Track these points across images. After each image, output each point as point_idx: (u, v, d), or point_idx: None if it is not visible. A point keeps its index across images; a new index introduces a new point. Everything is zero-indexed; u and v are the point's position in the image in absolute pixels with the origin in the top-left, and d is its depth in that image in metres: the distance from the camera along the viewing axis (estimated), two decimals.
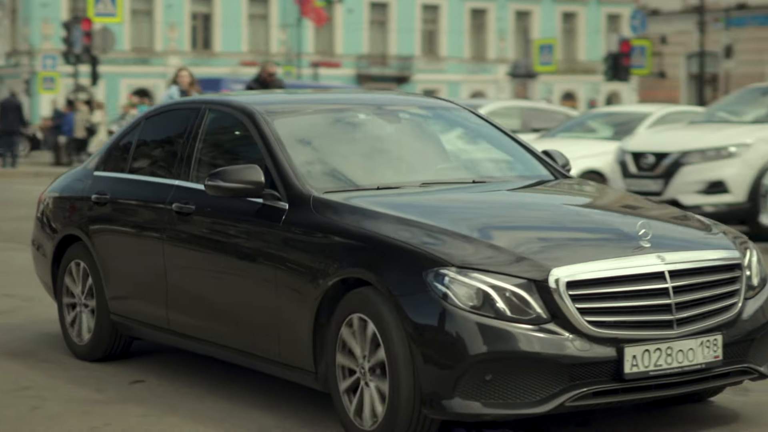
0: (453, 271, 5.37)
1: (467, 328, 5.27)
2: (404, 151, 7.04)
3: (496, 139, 7.36)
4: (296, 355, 6.07)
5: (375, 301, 5.60)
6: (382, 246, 5.68)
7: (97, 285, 7.61)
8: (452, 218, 5.86)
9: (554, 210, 6.36)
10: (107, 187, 7.71)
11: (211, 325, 6.67)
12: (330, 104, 7.49)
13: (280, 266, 6.14)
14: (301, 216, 6.16)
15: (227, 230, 6.61)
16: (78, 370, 7.40)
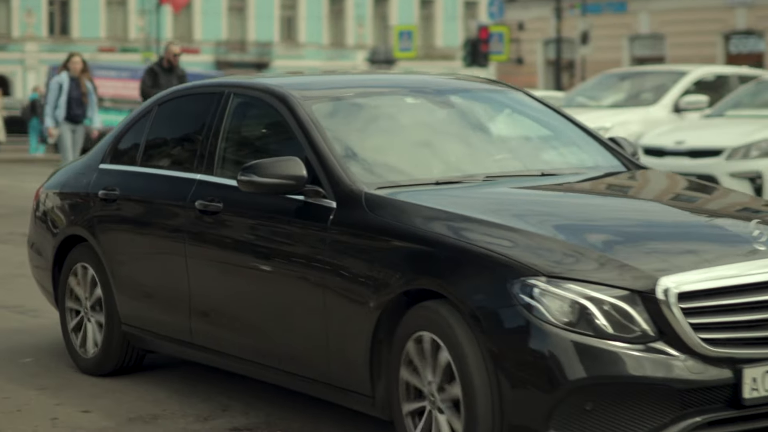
0: (543, 282, 4.56)
1: (563, 349, 4.45)
2: (460, 139, 6.15)
3: (556, 124, 6.58)
4: (349, 376, 5.27)
5: (447, 316, 4.79)
6: (456, 252, 4.85)
7: (107, 292, 6.76)
8: (534, 219, 5.05)
9: (646, 208, 5.64)
10: (116, 182, 6.84)
11: (244, 339, 5.89)
12: (372, 87, 6.51)
13: (329, 274, 5.33)
14: (352, 216, 5.33)
15: (263, 232, 5.78)
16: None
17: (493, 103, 6.57)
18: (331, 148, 5.67)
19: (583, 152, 6.34)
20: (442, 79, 6.89)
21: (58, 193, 7.36)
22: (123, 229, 6.70)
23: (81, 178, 7.19)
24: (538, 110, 6.61)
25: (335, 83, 6.71)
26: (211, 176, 6.19)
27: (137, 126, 7.00)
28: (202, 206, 6.07)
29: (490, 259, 4.74)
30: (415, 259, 4.99)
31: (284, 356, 5.64)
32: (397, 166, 5.79)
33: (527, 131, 6.56)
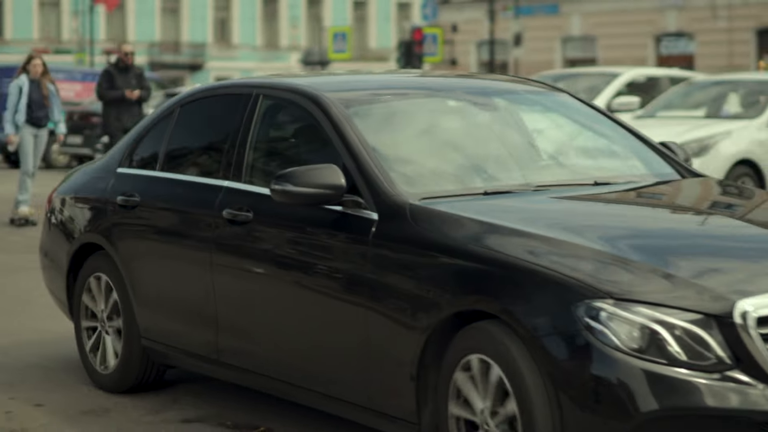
0: (610, 304, 4.20)
1: (633, 377, 4.10)
2: (505, 145, 5.76)
3: (602, 128, 6.19)
4: (392, 401, 4.88)
5: (503, 339, 4.42)
6: (514, 271, 4.47)
7: (125, 303, 6.34)
8: (596, 234, 4.65)
9: (714, 222, 5.23)
10: (136, 188, 6.41)
11: (276, 357, 5.50)
12: (410, 89, 6.15)
13: (371, 291, 4.93)
14: (396, 229, 4.94)
15: (297, 244, 5.37)
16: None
17: (537, 106, 6.23)
18: (370, 155, 5.27)
19: (633, 158, 5.97)
20: (482, 80, 6.62)
21: (73, 197, 6.94)
22: (143, 238, 6.31)
23: (98, 183, 6.77)
24: (584, 113, 6.26)
25: (370, 84, 6.28)
26: (240, 183, 5.78)
27: (158, 128, 6.58)
28: (231, 215, 5.67)
29: (551, 279, 4.36)
30: (467, 278, 4.60)
31: (320, 377, 5.26)
32: (441, 175, 5.41)
33: (574, 136, 6.18)
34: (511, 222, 4.78)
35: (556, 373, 4.24)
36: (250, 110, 5.91)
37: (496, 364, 4.42)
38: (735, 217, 5.38)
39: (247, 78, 6.60)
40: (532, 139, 5.94)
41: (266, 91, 5.97)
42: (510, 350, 4.37)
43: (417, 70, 7.77)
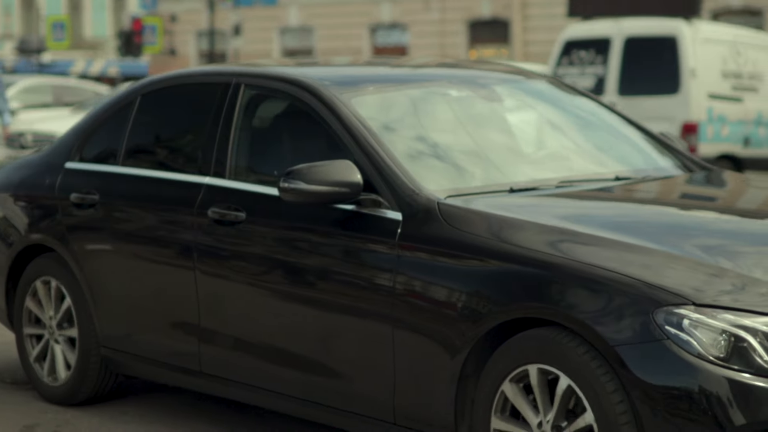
0: (692, 311, 3.94)
1: (723, 389, 3.84)
2: (518, 137, 5.50)
3: (604, 118, 5.90)
4: (423, 416, 4.56)
5: (564, 344, 4.12)
6: (580, 275, 4.14)
7: (81, 310, 5.97)
8: (658, 235, 4.39)
9: (756, 217, 5.02)
10: (93, 185, 5.95)
11: (280, 371, 5.09)
12: (406, 78, 5.76)
13: (399, 298, 4.56)
14: (426, 230, 4.57)
15: (305, 247, 4.94)
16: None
17: (535, 95, 5.88)
18: (386, 149, 4.89)
19: (641, 150, 5.73)
20: (475, 68, 6.15)
21: (10, 195, 6.42)
22: (106, 239, 5.83)
23: (40, 179, 6.26)
24: (582, 102, 5.99)
25: (360, 75, 5.76)
26: (225, 180, 5.35)
27: (114, 119, 6.08)
28: (218, 215, 5.26)
29: (625, 284, 4.05)
30: (523, 283, 4.26)
31: (339, 392, 4.89)
32: (460, 170, 5.06)
33: (576, 126, 5.81)
34: (563, 222, 4.47)
35: (635, 384, 3.95)
36: (230, 101, 5.47)
37: (565, 375, 4.10)
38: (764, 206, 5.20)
39: (223, 66, 6.08)
40: (543, 130, 5.67)
41: (249, 80, 5.50)
42: (581, 364, 4.06)
43: (400, 59, 7.10)
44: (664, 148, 5.84)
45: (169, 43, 43.62)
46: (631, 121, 6.01)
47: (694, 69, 13.53)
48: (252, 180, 5.32)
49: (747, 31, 16.09)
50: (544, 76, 6.24)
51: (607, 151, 5.64)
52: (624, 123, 5.96)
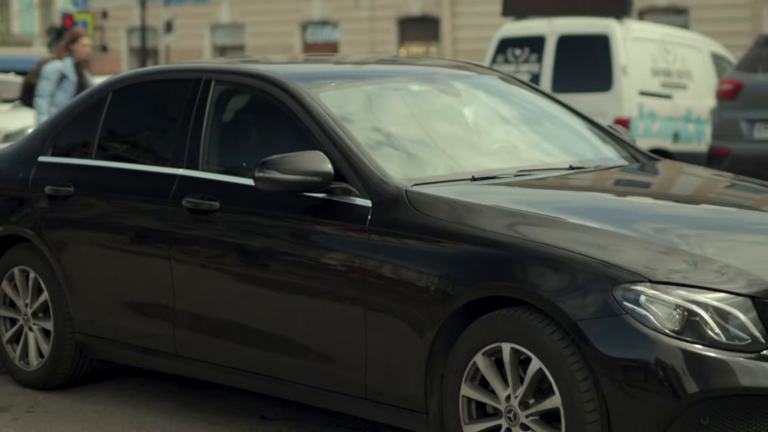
0: (648, 287, 4.22)
1: (676, 360, 4.12)
2: (476, 129, 5.80)
3: (555, 112, 6.24)
4: (394, 391, 4.85)
5: (536, 325, 4.40)
6: (540, 256, 4.43)
7: (56, 299, 6.21)
8: (610, 218, 4.72)
9: (710, 205, 5.38)
10: (67, 177, 6.20)
11: (251, 352, 5.36)
12: (366, 74, 6.08)
13: (370, 279, 4.84)
14: (396, 216, 4.86)
15: (277, 233, 5.21)
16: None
17: (493, 89, 6.20)
18: (354, 140, 5.16)
19: (591, 142, 6.05)
20: (429, 64, 6.42)
21: None
22: (81, 230, 6.08)
23: (12, 172, 6.52)
24: (534, 97, 6.31)
25: (323, 71, 6.18)
26: (198, 172, 5.62)
27: (86, 115, 6.33)
28: (193, 204, 5.53)
29: (585, 264, 4.34)
30: (488, 265, 4.55)
31: (311, 371, 5.17)
32: (424, 160, 5.36)
33: (534, 119, 6.12)
34: (524, 207, 4.76)
35: (599, 359, 4.22)
36: (201, 96, 5.74)
37: (537, 358, 4.38)
38: (728, 201, 5.49)
39: (191, 63, 6.36)
40: (497, 122, 5.94)
41: (219, 76, 5.78)
42: (549, 341, 4.34)
43: (362, 56, 7.39)
44: (612, 140, 6.16)
45: (101, 40, 43.50)
46: (582, 114, 6.33)
47: (625, 66, 13.95)
48: (224, 171, 5.59)
49: (676, 30, 16.59)
50: (496, 72, 6.55)
51: (560, 143, 5.95)
52: (574, 116, 6.27)
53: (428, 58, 6.32)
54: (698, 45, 15.83)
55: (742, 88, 12.45)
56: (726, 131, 12.51)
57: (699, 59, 15.51)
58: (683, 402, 4.15)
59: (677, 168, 6.08)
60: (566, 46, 14.14)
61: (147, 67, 6.60)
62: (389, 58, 7.00)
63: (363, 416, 5.14)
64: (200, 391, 6.39)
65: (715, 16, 34.58)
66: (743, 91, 12.44)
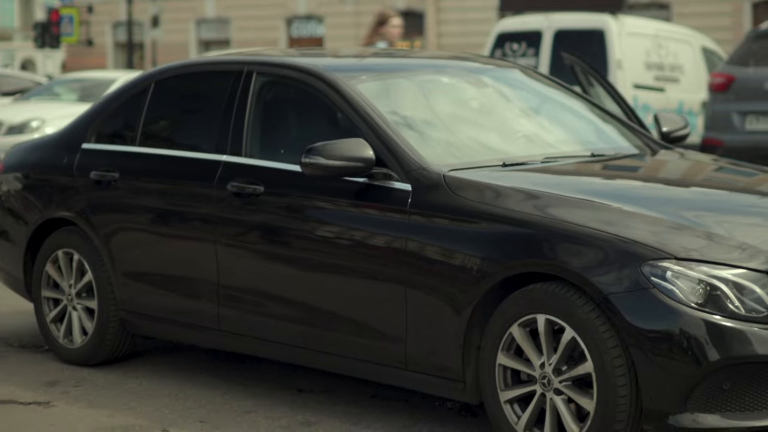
0: (674, 264, 4.61)
1: (701, 331, 4.51)
2: (504, 119, 6.17)
3: (575, 102, 6.62)
4: (432, 361, 5.21)
5: (570, 298, 4.75)
6: (576, 235, 4.79)
7: (101, 280, 6.53)
8: (637, 200, 5.12)
9: (725, 189, 5.77)
10: (112, 164, 6.52)
11: (294, 327, 5.71)
12: (398, 66, 6.44)
13: (410, 257, 5.19)
14: (435, 199, 5.20)
15: (322, 215, 5.56)
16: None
17: (517, 82, 6.55)
18: (392, 128, 5.51)
19: (610, 131, 6.43)
20: (461, 60, 6.73)
21: (25, 175, 7.00)
22: (126, 213, 6.40)
23: (56, 159, 6.83)
24: (552, 87, 6.67)
25: (365, 63, 6.56)
26: (241, 158, 5.95)
27: (129, 104, 6.65)
28: (237, 188, 5.86)
29: (615, 243, 4.71)
30: (522, 243, 4.91)
31: (350, 343, 5.51)
32: (457, 147, 5.70)
33: (556, 110, 6.50)
34: (554, 190, 5.14)
35: (629, 330, 4.58)
36: (243, 86, 6.04)
37: (569, 326, 4.74)
38: (742, 186, 5.88)
39: (233, 56, 6.78)
40: (522, 113, 6.27)
41: (261, 68, 6.09)
42: (582, 313, 4.69)
43: (393, 49, 7.79)
44: (629, 130, 6.54)
45: (86, 34, 43.73)
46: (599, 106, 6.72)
47: (620, 60, 14.35)
48: (266, 157, 5.92)
49: (668, 25, 17.03)
50: (518, 66, 6.93)
51: (581, 132, 6.33)
52: (593, 107, 6.66)
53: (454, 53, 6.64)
54: (689, 40, 16.27)
55: (734, 81, 12.85)
56: (718, 123, 12.91)
57: (690, 53, 15.94)
58: (706, 368, 4.52)
59: (690, 156, 6.43)
60: (563, 40, 14.53)
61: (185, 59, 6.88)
62: (418, 52, 7.41)
63: (402, 385, 5.47)
64: (238, 366, 6.74)
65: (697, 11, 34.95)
66: (735, 84, 12.84)
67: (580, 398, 4.81)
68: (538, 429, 4.96)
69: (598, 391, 4.70)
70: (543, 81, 6.78)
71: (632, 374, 4.65)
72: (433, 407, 5.88)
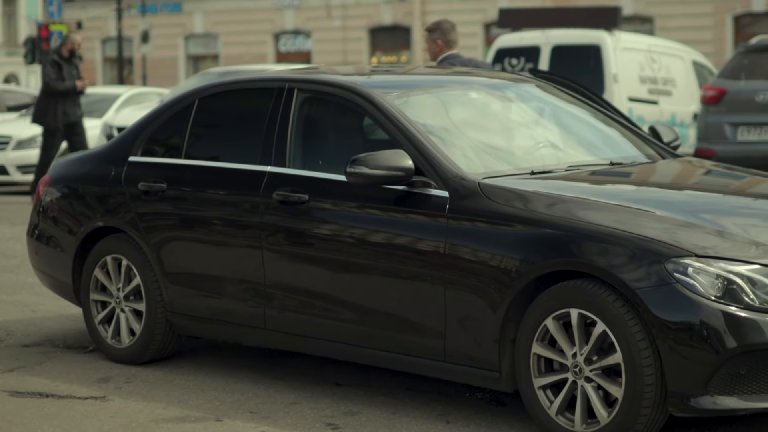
0: (695, 260, 5.07)
1: (719, 321, 4.97)
2: (528, 131, 6.64)
3: (592, 114, 7.03)
4: (470, 354, 5.66)
5: (600, 293, 5.22)
6: (604, 236, 5.25)
7: (149, 283, 6.95)
8: (657, 203, 5.62)
9: (725, 193, 6.27)
10: (160, 175, 6.95)
11: (337, 324, 6.16)
12: (433, 83, 6.88)
13: (449, 259, 5.64)
14: (471, 205, 5.67)
15: (364, 221, 6.00)
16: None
17: (538, 96, 6.98)
18: (429, 140, 5.96)
19: (626, 141, 6.85)
20: (485, 77, 7.16)
21: (73, 187, 7.41)
22: (174, 221, 6.83)
23: (104, 171, 7.25)
24: (569, 100, 7.09)
25: (395, 81, 6.99)
26: (286, 168, 6.39)
27: (173, 120, 7.08)
28: (283, 197, 6.29)
29: (640, 242, 5.16)
30: (555, 244, 5.35)
31: (391, 337, 5.93)
32: (487, 157, 6.15)
33: (575, 121, 6.92)
34: (581, 195, 5.62)
35: (654, 322, 5.05)
36: (285, 102, 6.49)
37: (601, 320, 5.20)
38: (752, 190, 6.30)
39: (274, 73, 7.33)
40: (545, 125, 6.74)
41: (302, 85, 6.55)
42: (612, 307, 5.15)
43: (420, 66, 8.18)
44: (641, 140, 6.98)
45: None
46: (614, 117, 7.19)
47: (615, 74, 14.85)
48: (308, 167, 6.39)
49: (660, 40, 17.57)
50: (535, 80, 7.40)
51: (600, 142, 6.80)
52: (609, 119, 7.11)
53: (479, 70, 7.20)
54: (681, 54, 16.82)
55: (725, 94, 13.39)
56: (711, 134, 13.45)
57: (682, 67, 16.48)
58: (724, 355, 4.99)
59: (699, 163, 6.97)
60: (560, 55, 15.03)
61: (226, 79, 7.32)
62: (446, 69, 7.93)
63: (442, 377, 5.94)
64: (276, 362, 7.20)
65: (679, 24, 35.54)
66: (727, 97, 13.38)
67: (609, 386, 5.26)
68: (569, 413, 5.43)
69: (627, 379, 5.16)
70: (559, 94, 7.19)
71: (658, 363, 5.10)
72: (465, 398, 6.34)
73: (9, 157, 19.26)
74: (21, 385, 6.88)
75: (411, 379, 6.62)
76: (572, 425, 5.39)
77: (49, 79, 16.14)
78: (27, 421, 6.19)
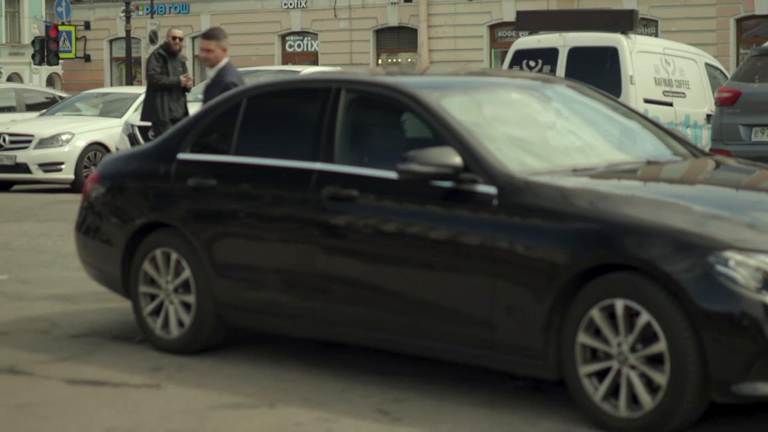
0: (736, 253, 5.27)
1: (759, 312, 5.17)
2: (569, 130, 6.82)
3: (620, 115, 7.25)
4: (517, 344, 5.86)
5: (646, 285, 5.43)
6: (648, 230, 5.46)
7: (199, 276, 7.13)
8: (697, 199, 5.84)
9: (760, 188, 6.41)
10: (210, 172, 7.17)
11: (387, 316, 6.35)
12: (476, 84, 7.15)
13: (497, 252, 5.83)
14: (518, 200, 5.85)
15: (414, 216, 6.20)
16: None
17: (568, 97, 7.18)
18: (476, 138, 6.15)
19: (660, 140, 7.09)
20: (518, 76, 7.44)
21: (124, 182, 7.61)
22: (225, 216, 7.02)
23: (153, 167, 7.45)
24: (601, 102, 7.29)
25: (440, 81, 7.32)
26: (335, 165, 6.58)
27: (222, 119, 7.31)
28: (332, 193, 6.49)
29: (683, 236, 5.38)
30: (600, 238, 5.56)
31: (440, 328, 6.12)
32: (533, 155, 6.33)
33: (611, 121, 7.14)
34: (623, 191, 5.87)
35: (698, 312, 5.26)
36: (333, 102, 6.69)
37: (647, 312, 5.41)
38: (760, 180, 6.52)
39: (320, 75, 7.65)
40: (584, 125, 6.93)
41: (349, 86, 6.79)
42: (656, 298, 5.36)
43: (461, 69, 8.75)
44: (674, 139, 7.22)
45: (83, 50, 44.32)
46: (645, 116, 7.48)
47: (632, 76, 15.11)
48: (356, 164, 6.60)
49: (674, 44, 17.82)
50: (567, 82, 7.65)
51: (635, 140, 7.08)
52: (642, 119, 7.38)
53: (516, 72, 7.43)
54: (694, 57, 17.08)
55: (740, 96, 13.65)
56: (725, 135, 13.71)
57: (695, 70, 16.75)
58: (764, 344, 5.22)
59: (732, 161, 7.23)
60: (577, 57, 15.28)
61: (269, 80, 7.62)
62: (488, 71, 8.37)
63: (490, 366, 6.18)
64: (321, 353, 7.45)
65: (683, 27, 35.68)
66: (741, 98, 13.64)
67: (653, 373, 5.48)
68: (614, 399, 5.63)
69: (671, 367, 5.38)
70: (591, 94, 7.39)
71: (701, 352, 5.31)
72: (509, 386, 6.61)
73: (31, 156, 19.52)
74: (75, 373, 7.14)
75: (454, 368, 6.86)
76: (617, 411, 5.57)
77: (154, 73, 16.14)
78: (85, 407, 6.45)
